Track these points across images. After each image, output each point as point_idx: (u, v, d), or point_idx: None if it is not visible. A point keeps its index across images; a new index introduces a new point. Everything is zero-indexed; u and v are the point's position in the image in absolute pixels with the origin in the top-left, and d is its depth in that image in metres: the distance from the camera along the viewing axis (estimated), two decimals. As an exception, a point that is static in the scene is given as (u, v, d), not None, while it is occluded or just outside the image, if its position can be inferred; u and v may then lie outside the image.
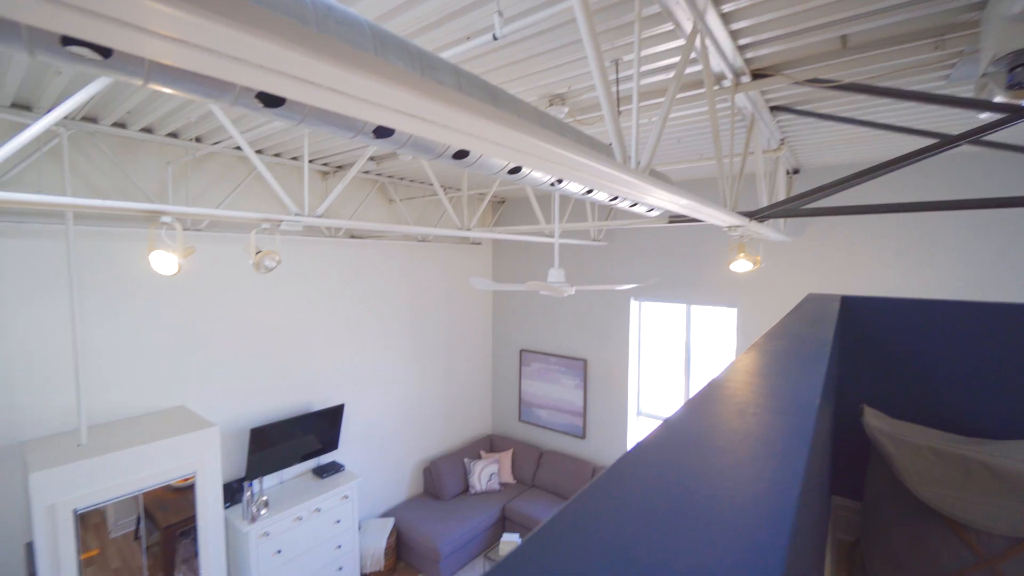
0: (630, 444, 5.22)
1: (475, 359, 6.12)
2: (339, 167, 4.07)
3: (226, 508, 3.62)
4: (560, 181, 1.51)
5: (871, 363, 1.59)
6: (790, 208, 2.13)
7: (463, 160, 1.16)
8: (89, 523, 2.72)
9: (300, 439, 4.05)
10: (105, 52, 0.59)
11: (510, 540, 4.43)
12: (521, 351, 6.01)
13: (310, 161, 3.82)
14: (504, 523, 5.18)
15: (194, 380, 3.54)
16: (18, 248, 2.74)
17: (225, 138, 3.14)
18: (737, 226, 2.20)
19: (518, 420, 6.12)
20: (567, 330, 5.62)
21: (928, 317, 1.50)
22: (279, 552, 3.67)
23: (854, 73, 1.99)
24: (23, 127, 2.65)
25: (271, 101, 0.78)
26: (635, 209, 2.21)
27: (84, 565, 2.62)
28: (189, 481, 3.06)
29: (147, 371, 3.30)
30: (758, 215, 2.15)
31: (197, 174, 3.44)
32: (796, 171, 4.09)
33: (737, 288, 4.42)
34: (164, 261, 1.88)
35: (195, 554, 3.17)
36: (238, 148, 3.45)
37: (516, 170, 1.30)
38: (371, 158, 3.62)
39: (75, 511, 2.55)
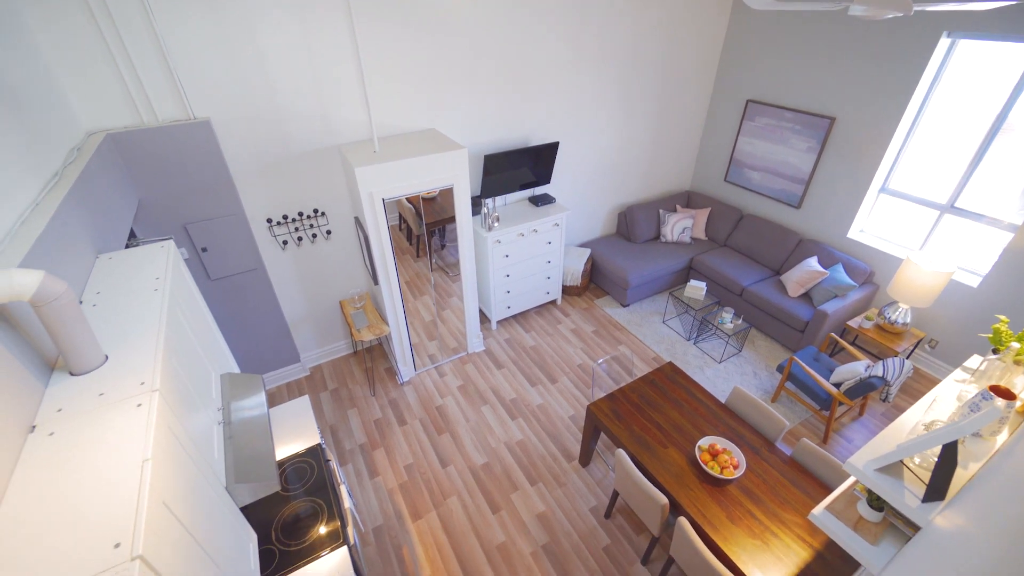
0: (859, 222, 4.64)
1: (689, 108, 5.53)
2: None
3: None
4: None
5: None
6: None
7: None
8: (389, 210, 3.70)
9: (520, 169, 4.53)
10: None
11: (697, 285, 4.81)
12: (747, 102, 5.17)
13: None
14: (690, 272, 5.55)
15: (441, 107, 3.99)
16: (303, -37, 3.00)
17: None
18: None
19: (723, 180, 5.76)
20: (818, 79, 4.51)
21: None
22: (507, 256, 4.64)
23: None
24: None
25: None
26: None
27: (393, 237, 3.72)
28: (433, 194, 3.80)
29: (406, 95, 3.79)
30: None
31: None
32: None
33: None
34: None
35: (443, 246, 4.19)
36: None
37: None
38: None
39: (383, 199, 3.48)
